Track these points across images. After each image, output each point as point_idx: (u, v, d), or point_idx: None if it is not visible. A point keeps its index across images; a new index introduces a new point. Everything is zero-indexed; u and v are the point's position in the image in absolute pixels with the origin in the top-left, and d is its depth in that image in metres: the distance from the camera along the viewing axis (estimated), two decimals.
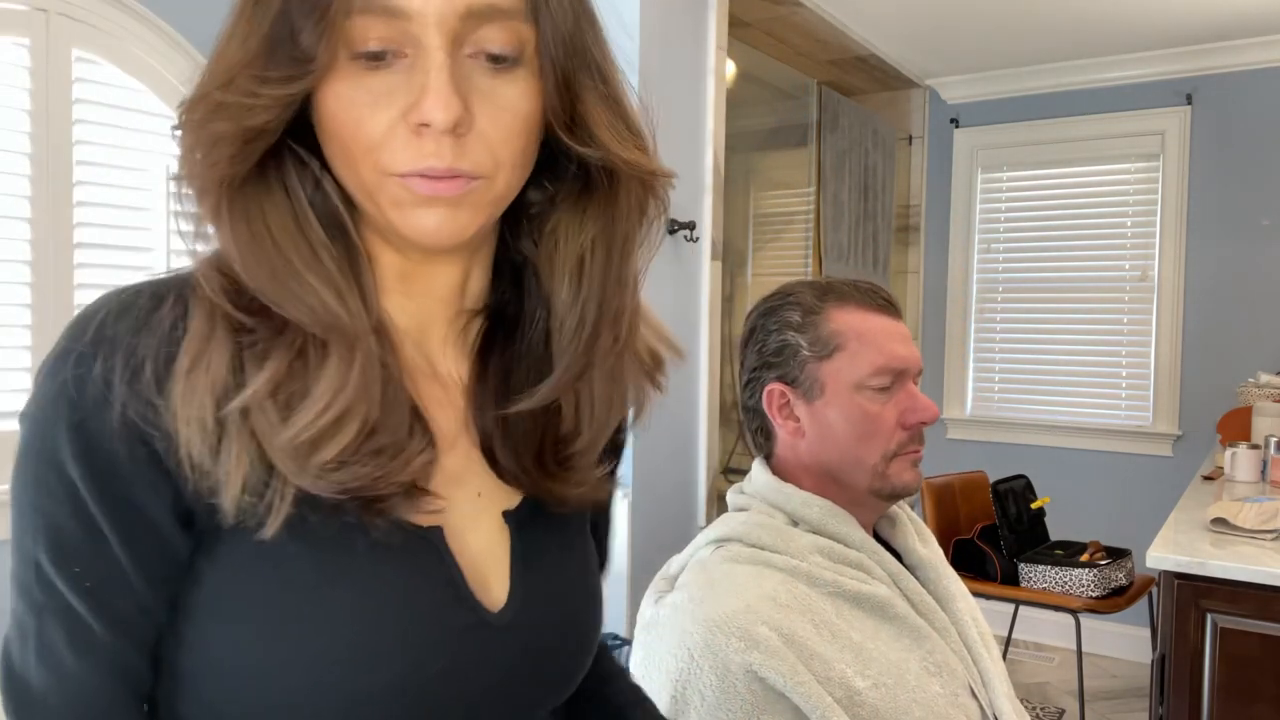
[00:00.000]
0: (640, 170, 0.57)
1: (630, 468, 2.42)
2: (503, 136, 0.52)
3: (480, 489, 0.61)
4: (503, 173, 0.53)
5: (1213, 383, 3.66)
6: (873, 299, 1.13)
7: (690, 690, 0.96)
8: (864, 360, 1.09)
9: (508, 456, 0.60)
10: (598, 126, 0.55)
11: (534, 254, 0.61)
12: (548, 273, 0.60)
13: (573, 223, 0.59)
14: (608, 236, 0.59)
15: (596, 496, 0.64)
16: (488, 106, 0.52)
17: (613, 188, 0.58)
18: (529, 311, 0.61)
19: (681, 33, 2.53)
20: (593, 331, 0.58)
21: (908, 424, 1.10)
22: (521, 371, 0.60)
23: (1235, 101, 3.62)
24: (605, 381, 0.61)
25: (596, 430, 0.62)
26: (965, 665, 1.07)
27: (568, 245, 0.59)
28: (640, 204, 0.59)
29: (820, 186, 3.54)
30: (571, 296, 0.59)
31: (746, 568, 1.04)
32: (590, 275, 0.59)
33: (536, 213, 0.61)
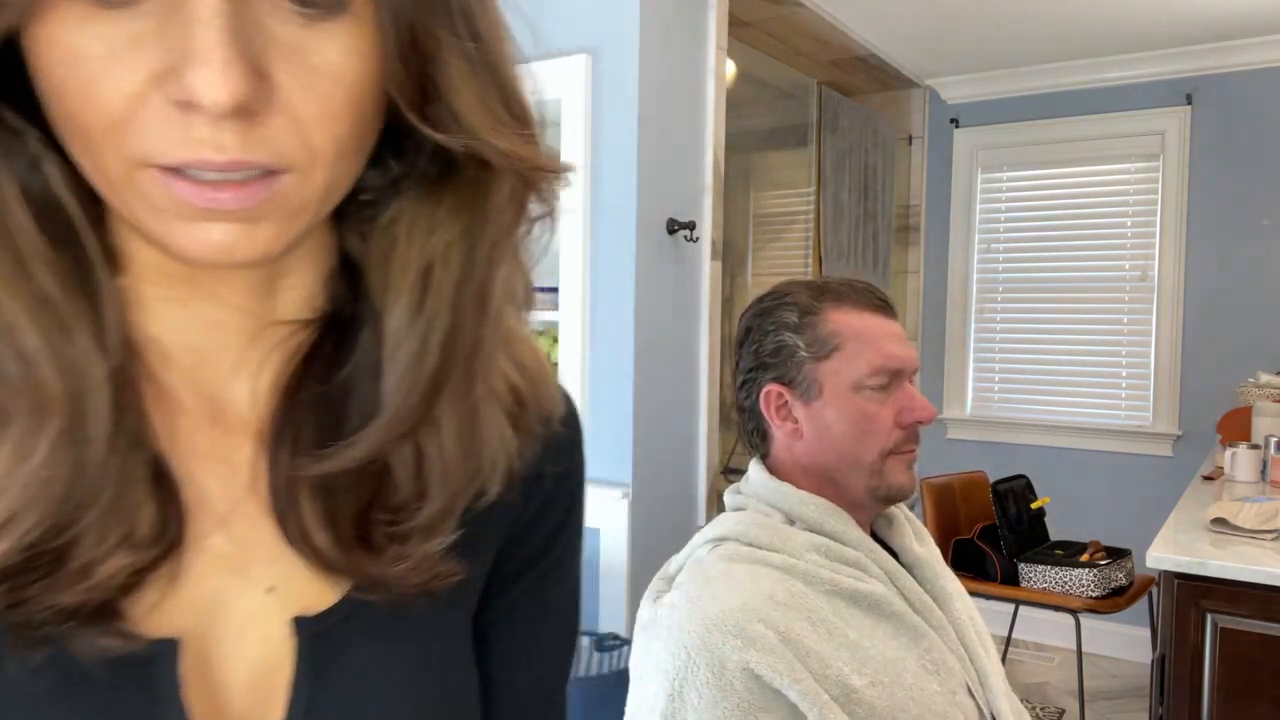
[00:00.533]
0: (522, 164, 0.42)
1: (630, 468, 2.42)
2: (319, 113, 0.36)
3: (274, 580, 0.44)
4: (322, 165, 0.37)
5: (1213, 383, 3.66)
6: (868, 299, 1.14)
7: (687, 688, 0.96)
8: (862, 360, 1.09)
9: (320, 531, 0.43)
10: (463, 104, 0.40)
11: (362, 253, 0.45)
12: (379, 281, 0.43)
13: (421, 217, 0.43)
14: (470, 240, 0.43)
15: (434, 583, 0.45)
16: (296, 70, 0.36)
17: (483, 177, 0.42)
18: (360, 328, 0.45)
19: (681, 33, 2.53)
20: (438, 366, 0.42)
21: (904, 423, 1.11)
22: (343, 412, 0.44)
23: (1235, 101, 3.62)
24: (459, 432, 0.44)
25: (449, 497, 0.45)
26: (963, 664, 1.07)
27: (411, 246, 0.43)
28: (519, 202, 0.43)
29: (820, 186, 3.54)
30: (409, 316, 0.42)
31: (744, 566, 1.04)
32: (439, 290, 0.42)
33: (371, 199, 0.44)
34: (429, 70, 0.39)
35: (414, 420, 0.43)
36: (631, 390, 2.41)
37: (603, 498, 2.43)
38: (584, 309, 2.47)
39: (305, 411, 0.44)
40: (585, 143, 2.44)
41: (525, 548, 0.54)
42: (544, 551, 0.55)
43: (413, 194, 0.44)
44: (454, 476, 0.45)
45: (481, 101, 0.40)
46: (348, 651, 0.44)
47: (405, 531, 0.44)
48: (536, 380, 0.50)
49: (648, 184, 2.42)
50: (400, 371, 0.42)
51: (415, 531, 0.44)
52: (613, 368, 2.44)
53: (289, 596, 0.44)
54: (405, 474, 0.44)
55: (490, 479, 0.47)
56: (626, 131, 2.39)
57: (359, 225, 0.45)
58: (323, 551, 0.43)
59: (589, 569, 2.50)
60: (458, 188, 0.43)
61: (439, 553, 0.45)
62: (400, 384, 0.42)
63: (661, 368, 2.51)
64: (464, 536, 0.47)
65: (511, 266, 0.44)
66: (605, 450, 2.47)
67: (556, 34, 2.51)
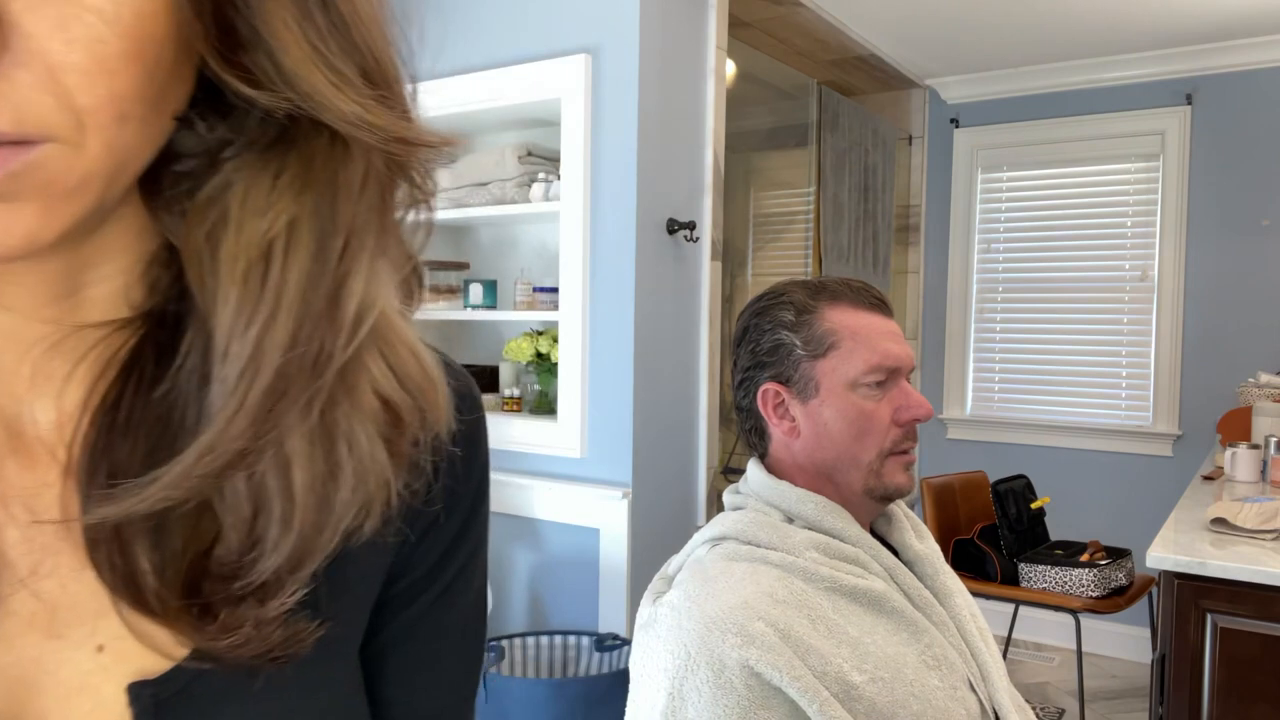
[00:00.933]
0: (374, 133, 0.33)
1: (630, 468, 2.42)
2: (86, 65, 0.28)
3: (104, 638, 0.36)
4: (97, 131, 0.29)
5: (1213, 383, 3.66)
6: (864, 297, 1.14)
7: (687, 687, 0.96)
8: (859, 358, 1.10)
9: (151, 582, 0.35)
10: (290, 55, 0.31)
11: (179, 235, 0.35)
12: (203, 271, 0.34)
13: (255, 193, 0.34)
14: (318, 223, 0.33)
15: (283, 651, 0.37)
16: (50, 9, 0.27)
17: (334, 147, 0.34)
18: (187, 332, 0.36)
19: (681, 33, 2.53)
20: (274, 381, 0.33)
21: (902, 420, 1.11)
22: (163, 432, 0.35)
23: (1235, 101, 3.62)
24: (309, 465, 0.36)
25: (297, 548, 0.36)
26: (964, 659, 1.07)
27: (241, 229, 0.33)
28: (382, 182, 0.35)
29: (820, 186, 3.54)
30: (240, 317, 0.33)
31: (743, 565, 1.04)
32: (278, 284, 0.33)
33: (187, 169, 0.35)
34: (243, 9, 0.31)
35: (240, 449, 0.33)
36: (631, 390, 2.41)
37: (603, 498, 2.43)
38: (584, 309, 2.47)
39: (122, 435, 0.35)
40: (585, 143, 2.44)
41: (414, 574, 0.47)
42: (436, 576, 0.47)
43: (243, 164, 0.34)
44: (303, 522, 0.35)
45: (316, 52, 0.31)
46: (198, 717, 0.37)
47: (238, 592, 0.35)
48: (420, 393, 0.41)
49: (648, 184, 2.42)
50: (227, 386, 0.33)
51: (247, 592, 0.35)
52: (613, 368, 2.44)
53: (125, 656, 0.36)
54: (236, 518, 0.35)
55: (364, 517, 0.38)
56: (626, 131, 2.39)
57: (176, 201, 0.35)
58: (153, 606, 0.35)
59: (589, 569, 2.50)
60: (300, 158, 0.34)
61: (282, 617, 0.36)
62: (226, 402, 0.33)
63: (661, 368, 2.51)
64: (331, 586, 0.39)
65: (381, 257, 0.36)
66: (605, 450, 2.47)
67: (556, 34, 2.51)
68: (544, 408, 2.69)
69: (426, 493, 0.44)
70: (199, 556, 0.35)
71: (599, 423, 2.47)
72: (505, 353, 2.67)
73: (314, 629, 0.38)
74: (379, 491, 0.38)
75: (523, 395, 2.74)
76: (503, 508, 2.65)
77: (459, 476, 0.46)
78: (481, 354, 3.00)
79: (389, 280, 0.37)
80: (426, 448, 0.43)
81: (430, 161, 0.36)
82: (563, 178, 2.49)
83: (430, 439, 0.42)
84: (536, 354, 2.62)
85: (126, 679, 0.36)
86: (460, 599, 0.49)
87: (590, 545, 2.49)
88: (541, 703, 2.13)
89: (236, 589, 0.35)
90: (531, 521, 2.60)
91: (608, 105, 2.42)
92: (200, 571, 0.35)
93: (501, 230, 2.94)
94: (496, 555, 2.69)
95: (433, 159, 0.36)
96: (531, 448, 2.59)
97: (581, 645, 2.43)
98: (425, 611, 0.48)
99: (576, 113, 2.45)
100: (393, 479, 0.39)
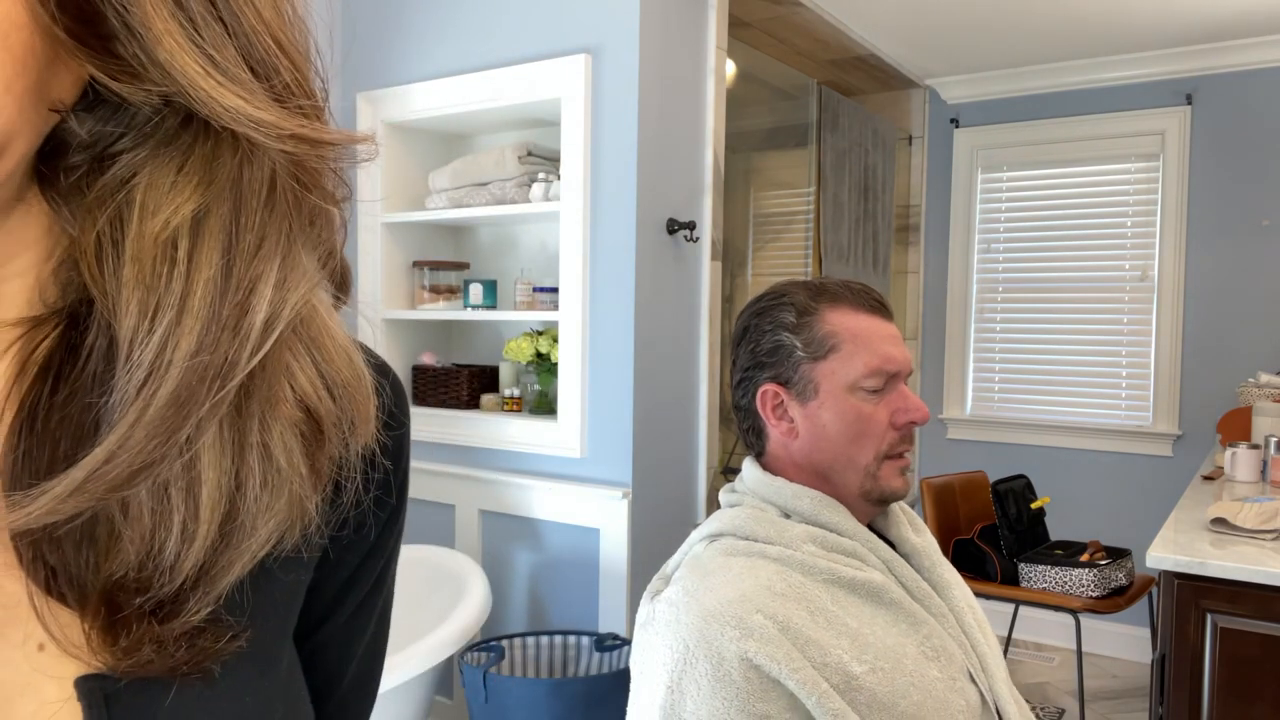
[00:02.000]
0: (265, 130, 0.31)
1: (630, 468, 2.42)
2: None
3: (44, 637, 0.34)
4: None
5: (1213, 383, 3.66)
6: (865, 300, 1.14)
7: (686, 680, 0.97)
8: (858, 361, 1.10)
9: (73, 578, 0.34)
10: (164, 44, 0.29)
11: (75, 231, 0.34)
12: (107, 273, 0.33)
13: (155, 187, 0.32)
14: (224, 222, 0.32)
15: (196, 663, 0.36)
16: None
17: (236, 146, 0.32)
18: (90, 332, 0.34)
19: (681, 33, 2.53)
20: (179, 390, 0.31)
21: (899, 424, 1.12)
22: (69, 435, 0.34)
23: (1235, 101, 3.62)
24: (216, 475, 0.34)
25: (203, 561, 0.35)
26: (963, 650, 1.08)
27: (142, 226, 0.32)
28: (291, 183, 0.33)
29: (820, 186, 3.54)
30: (143, 320, 0.32)
31: (741, 560, 1.05)
32: (182, 284, 0.32)
33: (78, 162, 0.34)
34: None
35: (142, 459, 0.31)
36: (631, 390, 2.41)
37: (603, 498, 2.43)
38: (584, 309, 2.47)
39: (39, 438, 0.34)
40: (585, 143, 2.44)
41: (342, 574, 0.46)
42: (347, 592, 0.47)
43: (143, 160, 0.33)
44: (206, 537, 0.34)
45: (193, 42, 0.29)
46: (148, 713, 0.35)
47: (137, 610, 0.34)
48: (350, 399, 0.39)
49: (648, 184, 2.42)
50: (129, 393, 0.31)
51: (147, 610, 0.34)
52: (613, 368, 2.44)
53: (69, 653, 0.34)
54: (135, 532, 0.33)
55: (280, 533, 0.37)
56: (626, 131, 2.39)
57: (74, 197, 0.34)
58: (76, 611, 0.34)
59: (589, 569, 2.50)
60: (202, 157, 0.32)
61: (185, 637, 0.35)
62: (126, 411, 0.31)
63: (661, 368, 2.51)
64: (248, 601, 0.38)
65: (296, 259, 0.34)
66: (605, 450, 2.47)
67: (556, 34, 2.52)
68: (544, 408, 2.69)
69: (355, 506, 0.42)
70: (111, 570, 0.34)
71: (599, 423, 2.47)
72: (505, 353, 2.67)
73: (224, 645, 0.37)
74: (295, 506, 0.37)
75: (523, 395, 2.74)
76: (503, 508, 2.65)
77: (383, 490, 0.45)
78: (481, 354, 3.00)
79: (312, 280, 0.35)
80: (353, 459, 0.41)
81: (340, 161, 0.34)
82: (563, 178, 2.49)
83: (357, 449, 0.41)
84: (536, 354, 2.62)
85: (70, 677, 0.34)
86: (381, 594, 0.49)
87: (590, 545, 2.49)
88: (541, 703, 2.13)
89: (139, 604, 0.34)
90: (531, 521, 2.60)
91: (608, 105, 2.42)
92: (114, 582, 0.34)
93: (501, 230, 2.94)
94: (496, 555, 2.70)
95: (342, 159, 0.34)
96: (531, 448, 2.59)
97: (581, 645, 2.43)
98: (334, 629, 0.47)
99: (576, 113, 2.45)
100: (311, 493, 0.38)
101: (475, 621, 2.14)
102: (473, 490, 2.71)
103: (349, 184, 0.35)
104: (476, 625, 2.14)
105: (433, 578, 2.49)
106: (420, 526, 2.85)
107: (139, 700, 0.35)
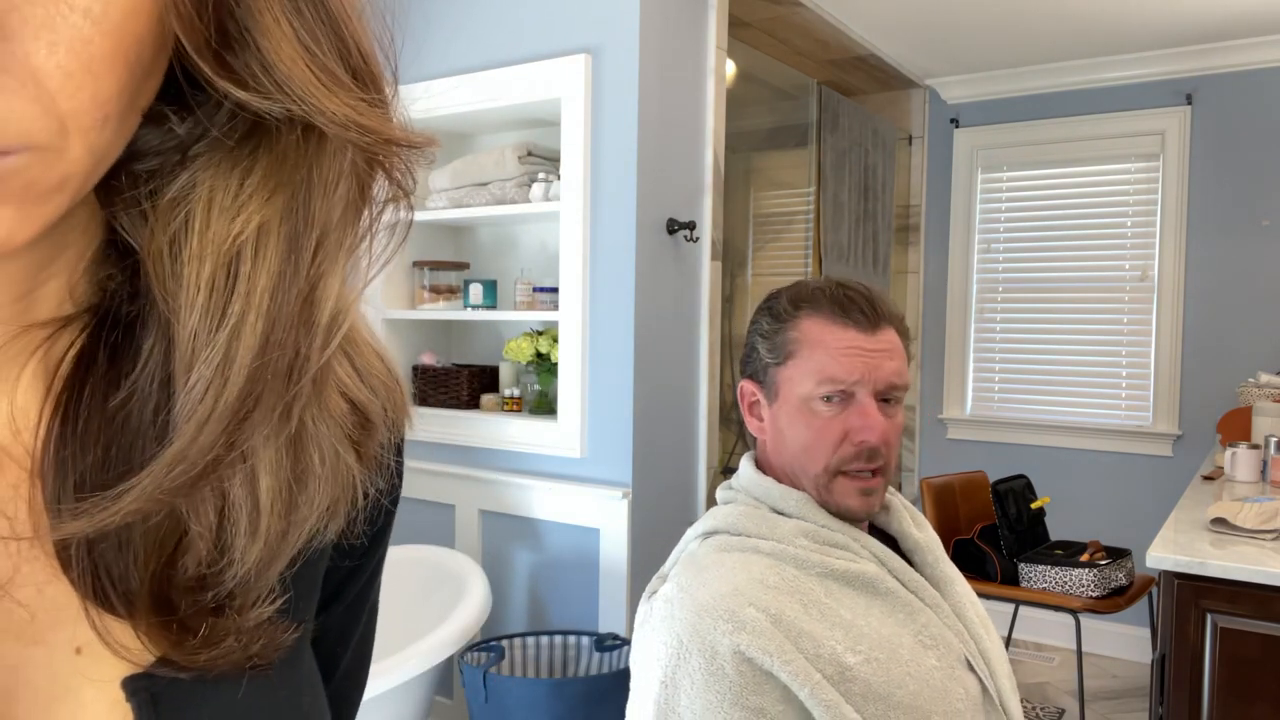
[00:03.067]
0: (366, 136, 0.32)
1: (630, 468, 2.42)
2: (71, 68, 0.26)
3: (80, 640, 0.35)
4: (80, 135, 0.28)
5: (1213, 383, 3.66)
6: (849, 310, 1.10)
7: (680, 674, 0.97)
8: (810, 370, 1.10)
9: (118, 583, 0.34)
10: (282, 55, 0.30)
11: (142, 237, 0.34)
12: (166, 273, 0.33)
13: (222, 192, 0.33)
14: (292, 225, 0.32)
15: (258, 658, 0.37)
16: (36, 6, 0.26)
17: (308, 143, 0.32)
18: (144, 333, 0.35)
19: (681, 33, 2.53)
20: (245, 389, 0.32)
21: (853, 442, 1.09)
22: (130, 441, 0.34)
23: (1235, 101, 3.62)
24: (277, 473, 0.35)
25: (265, 554, 0.36)
26: (961, 640, 1.08)
27: (208, 230, 0.32)
28: (359, 178, 0.34)
29: (820, 186, 3.54)
30: (208, 321, 0.32)
31: (735, 555, 1.06)
32: (249, 287, 0.32)
33: (150, 167, 0.34)
34: (233, 7, 0.29)
35: (211, 459, 0.32)
36: (631, 390, 2.41)
37: (603, 498, 2.43)
38: (584, 309, 2.47)
39: (82, 440, 0.34)
40: (585, 143, 2.44)
41: (343, 569, 0.47)
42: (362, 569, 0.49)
43: (210, 162, 0.33)
44: (269, 530, 0.35)
45: (309, 53, 0.30)
46: (191, 711, 0.36)
47: (211, 603, 0.35)
48: (386, 392, 0.41)
49: (648, 184, 2.42)
50: (195, 394, 0.32)
51: (221, 601, 0.35)
52: (613, 368, 2.44)
53: (102, 658, 0.35)
54: (203, 528, 0.34)
55: (329, 520, 0.38)
56: (626, 131, 2.39)
57: (135, 201, 0.34)
58: (123, 612, 0.34)
59: (589, 569, 2.50)
60: (272, 157, 0.32)
61: (259, 626, 0.36)
62: (194, 410, 0.32)
63: (661, 368, 2.51)
64: (298, 588, 0.39)
65: (354, 255, 0.35)
66: (605, 450, 2.47)
67: (556, 34, 2.52)
68: (544, 408, 2.69)
69: (391, 493, 0.44)
70: (164, 565, 0.35)
71: (599, 423, 2.47)
72: (505, 353, 2.67)
73: (292, 631, 0.38)
74: (345, 494, 0.38)
75: (523, 395, 2.74)
76: (503, 508, 2.65)
77: (394, 477, 0.47)
78: (481, 354, 3.00)
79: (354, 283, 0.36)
80: (391, 448, 0.43)
81: (412, 160, 0.35)
82: (563, 178, 2.49)
83: (395, 439, 0.43)
84: (536, 354, 2.62)
85: (106, 681, 0.35)
86: (375, 583, 0.51)
87: (590, 545, 2.49)
88: (541, 703, 2.13)
89: (208, 599, 0.35)
90: (531, 521, 2.60)
91: (608, 105, 2.42)
92: (166, 580, 0.35)
93: (501, 230, 2.94)
94: (497, 555, 2.70)
95: (415, 158, 0.35)
96: (531, 448, 2.59)
97: (581, 645, 2.43)
98: (332, 620, 0.48)
99: (576, 113, 2.45)
100: (359, 481, 0.39)
101: (475, 621, 2.14)
102: (473, 490, 2.71)
103: (415, 180, 0.36)
104: (476, 625, 2.14)
105: (433, 578, 2.49)
106: (420, 526, 2.85)
107: (183, 699, 0.36)
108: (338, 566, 0.46)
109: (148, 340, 0.34)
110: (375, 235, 0.35)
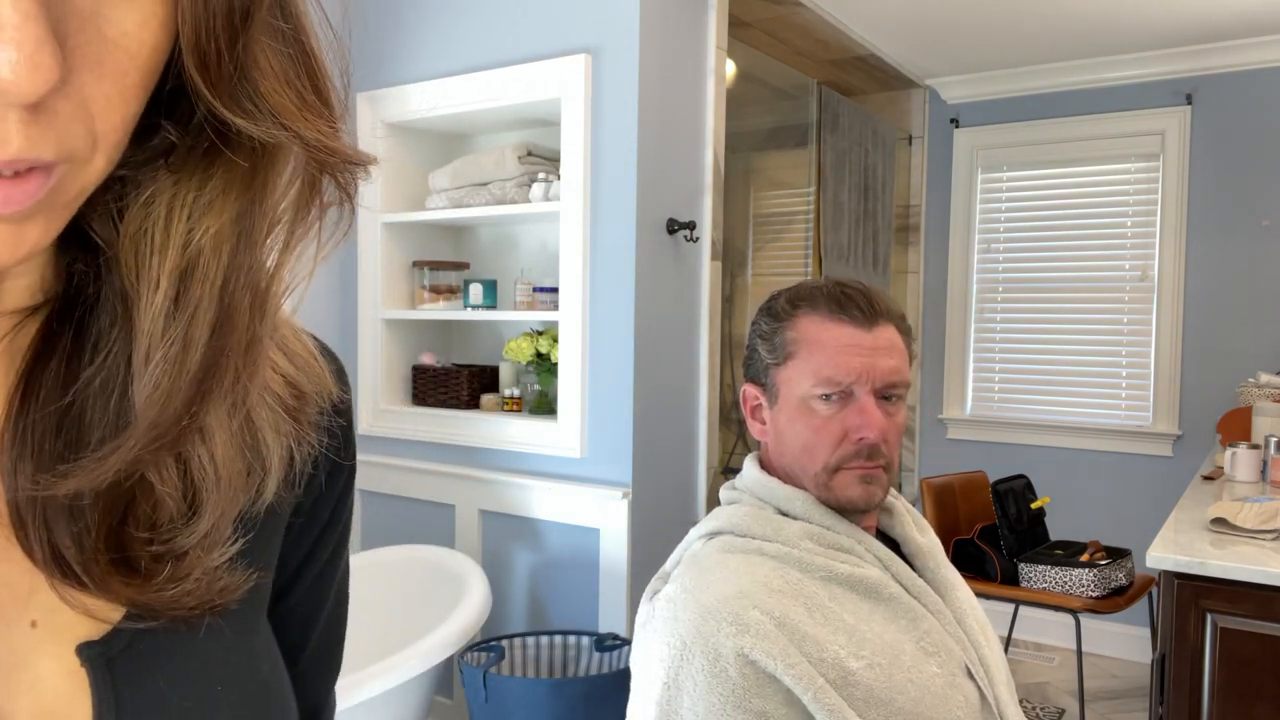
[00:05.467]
0: (330, 155, 0.36)
1: (630, 468, 2.42)
2: (111, 95, 0.30)
3: (37, 613, 0.37)
4: (104, 151, 0.31)
5: (1213, 383, 3.66)
6: (848, 308, 1.10)
7: (683, 676, 0.97)
8: (808, 369, 1.10)
9: (74, 550, 0.36)
10: (269, 86, 0.34)
11: (110, 235, 0.37)
12: (132, 268, 0.36)
13: (185, 195, 0.36)
14: (247, 226, 0.36)
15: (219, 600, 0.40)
16: (89, 44, 0.29)
17: (263, 156, 0.36)
18: (104, 318, 0.38)
19: (681, 33, 2.53)
20: (202, 368, 0.36)
21: (852, 439, 1.09)
22: (90, 417, 0.37)
23: (1235, 101, 3.62)
24: (231, 440, 0.40)
25: (219, 510, 0.40)
26: (962, 647, 1.08)
27: (171, 227, 0.36)
28: (310, 185, 0.37)
29: (820, 186, 3.54)
30: (168, 310, 0.35)
31: (739, 557, 1.06)
32: (206, 278, 0.36)
33: (125, 173, 0.37)
34: (235, 46, 0.33)
35: (174, 431, 0.36)
36: (631, 390, 2.41)
37: (603, 498, 2.43)
38: (584, 309, 2.47)
39: (44, 418, 0.37)
40: (585, 143, 2.44)
41: (305, 542, 0.51)
42: (323, 542, 0.52)
43: (176, 167, 0.36)
44: (228, 488, 0.40)
45: (289, 84, 0.34)
46: (146, 675, 0.39)
47: (177, 550, 0.38)
48: (307, 367, 0.46)
49: (648, 184, 2.42)
50: (156, 374, 0.35)
51: (189, 548, 0.39)
52: (613, 368, 2.44)
53: (58, 629, 0.37)
54: (170, 489, 0.38)
55: (267, 480, 0.43)
56: (626, 131, 2.39)
57: (107, 205, 0.37)
58: (83, 578, 0.37)
59: (589, 569, 2.50)
60: (232, 164, 0.36)
61: (219, 567, 0.40)
62: (156, 389, 0.35)
63: (661, 368, 2.51)
64: (247, 544, 0.42)
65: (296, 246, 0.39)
66: (605, 450, 2.47)
67: (556, 34, 2.52)
68: (544, 408, 2.69)
69: (315, 459, 0.48)
70: (117, 527, 0.38)
71: (599, 423, 2.47)
72: (505, 353, 2.67)
73: (249, 576, 0.41)
74: (284, 456, 0.43)
75: (523, 395, 2.74)
76: (503, 508, 2.65)
77: (340, 449, 0.51)
78: (481, 354, 3.00)
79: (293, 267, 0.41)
80: (329, 411, 0.48)
81: (357, 174, 0.39)
82: (563, 178, 2.49)
83: (320, 410, 0.47)
84: (536, 354, 2.62)
85: (63, 650, 0.37)
86: (340, 565, 0.54)
87: (590, 545, 2.49)
88: (541, 703, 2.13)
89: (173, 548, 0.38)
90: (531, 521, 2.60)
91: (608, 105, 2.42)
92: (124, 540, 0.38)
93: (501, 230, 2.94)
94: (496, 555, 2.70)
95: (359, 172, 0.39)
96: (531, 448, 2.59)
97: (581, 645, 2.43)
98: (314, 581, 0.52)
99: (576, 113, 2.45)
100: (302, 440, 0.44)
101: (475, 621, 2.14)
102: (473, 490, 2.71)
103: (356, 184, 0.40)
104: (476, 625, 2.14)
105: (433, 578, 2.49)
106: (420, 526, 2.85)
107: (138, 664, 0.39)
108: (298, 523, 0.49)
109: (110, 324, 0.37)
110: (320, 232, 0.39)
